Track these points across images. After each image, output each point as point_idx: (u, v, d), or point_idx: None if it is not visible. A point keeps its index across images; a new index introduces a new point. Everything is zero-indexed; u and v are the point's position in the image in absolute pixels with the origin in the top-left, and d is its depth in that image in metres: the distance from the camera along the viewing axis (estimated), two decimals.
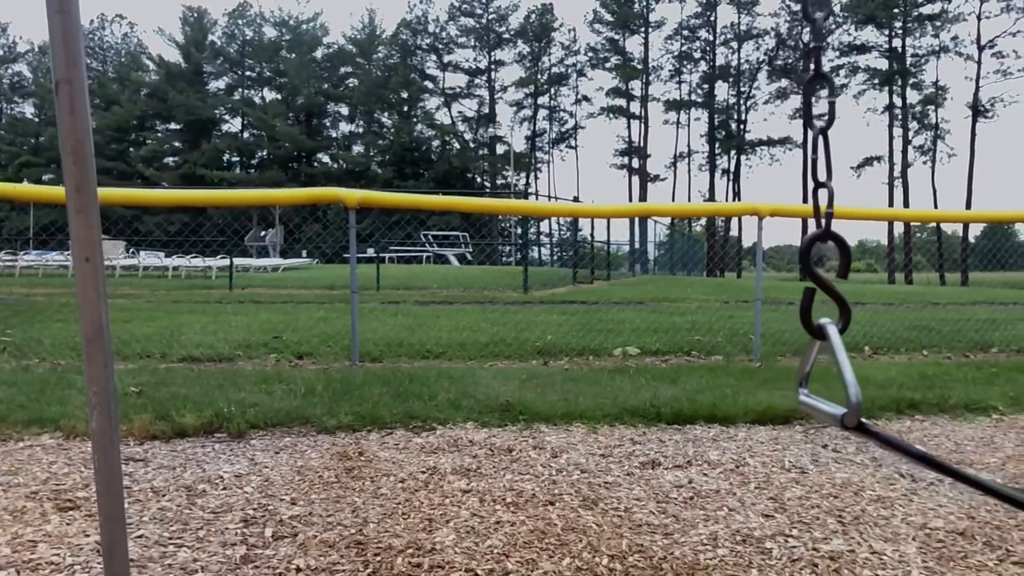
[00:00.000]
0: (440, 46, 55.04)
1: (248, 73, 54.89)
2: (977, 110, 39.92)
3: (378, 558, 1.89)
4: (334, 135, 56.40)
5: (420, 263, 25.29)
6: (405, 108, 54.51)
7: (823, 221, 1.04)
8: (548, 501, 2.40)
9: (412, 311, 8.84)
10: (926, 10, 41.39)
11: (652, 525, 2.20)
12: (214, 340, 5.84)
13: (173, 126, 53.32)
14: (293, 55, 53.31)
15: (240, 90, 54.97)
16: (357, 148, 55.07)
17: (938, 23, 41.11)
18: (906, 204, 40.60)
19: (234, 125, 54.86)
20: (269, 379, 4.30)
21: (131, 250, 20.68)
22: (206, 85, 54.18)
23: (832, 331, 0.96)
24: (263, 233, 29.49)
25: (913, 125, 42.63)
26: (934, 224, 39.02)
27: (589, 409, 3.76)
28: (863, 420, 0.91)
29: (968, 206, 36.78)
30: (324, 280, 14.25)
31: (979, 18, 40.11)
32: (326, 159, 55.14)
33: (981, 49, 40.11)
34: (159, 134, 53.79)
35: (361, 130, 55.40)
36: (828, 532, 2.16)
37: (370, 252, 18.63)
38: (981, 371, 5.08)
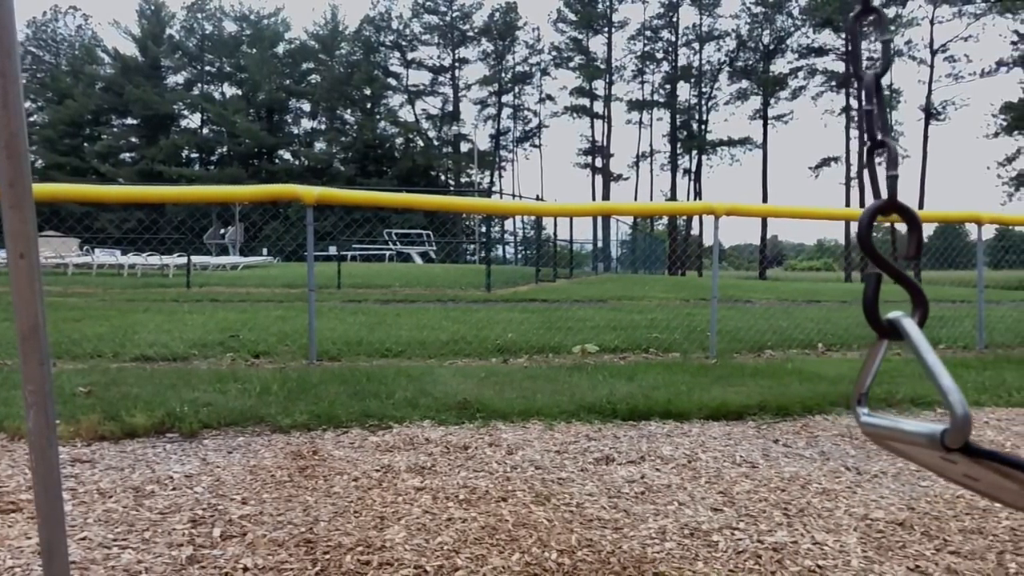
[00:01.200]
0: (404, 43, 54.72)
1: (208, 68, 53.96)
2: (930, 113, 40.93)
3: (327, 556, 1.89)
4: (296, 132, 55.74)
5: (383, 261, 25.15)
6: (368, 105, 54.09)
7: (884, 187, 0.84)
8: (501, 497, 2.41)
9: (373, 310, 8.79)
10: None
11: (603, 520, 2.23)
12: (169, 339, 5.74)
13: (130, 121, 52.16)
14: (254, 50, 52.54)
15: (199, 85, 54.01)
16: (319, 145, 54.50)
17: (893, 27, 42.01)
18: (862, 204, 41.47)
19: (193, 121, 53.95)
20: (224, 378, 4.24)
21: (85, 248, 20.20)
22: (164, 80, 53.15)
23: (910, 327, 0.76)
24: (222, 231, 29.03)
25: None
26: (889, 224, 39.88)
27: (546, 406, 3.79)
28: (971, 441, 0.69)
29: (921, 206, 37.67)
30: (284, 278, 14.09)
31: (932, 23, 41.14)
32: (288, 156, 54.47)
33: (934, 53, 41.14)
34: (115, 129, 52.59)
35: (323, 127, 54.86)
36: (773, 524, 2.21)
37: (332, 250, 18.47)
38: None
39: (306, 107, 55.15)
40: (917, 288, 0.78)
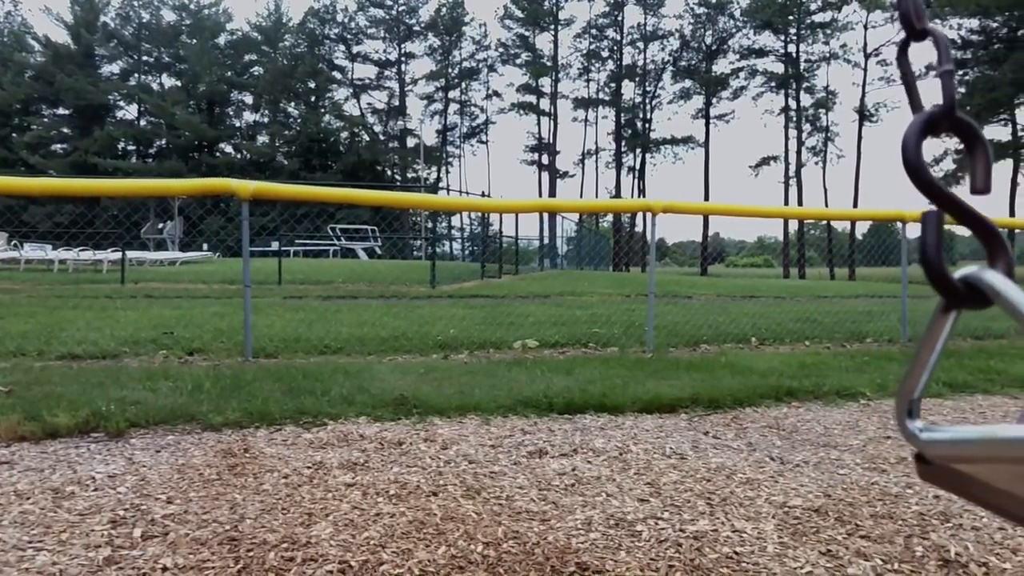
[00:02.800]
0: (349, 36, 54.03)
1: (145, 58, 52.36)
2: (863, 114, 42.27)
3: (250, 554, 1.87)
4: (238, 125, 54.54)
5: (327, 257, 24.83)
6: (312, 98, 53.26)
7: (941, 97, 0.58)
8: (431, 492, 2.42)
9: (313, 306, 8.69)
10: (818, 18, 43.49)
11: (531, 512, 2.26)
12: (99, 337, 5.58)
13: (61, 111, 50.26)
14: (194, 40, 51.19)
15: (136, 75, 52.38)
16: (262, 138, 53.44)
17: (829, 31, 43.26)
18: (800, 202, 42.64)
19: (130, 112, 52.28)
20: (155, 376, 4.15)
21: (13, 243, 19.43)
22: (98, 69, 51.35)
23: (1001, 284, 0.52)
24: (161, 225, 28.27)
25: (806, 127, 44.78)
26: (826, 221, 41.08)
27: (484, 401, 3.81)
28: None
29: (855, 204, 38.96)
30: (224, 274, 13.80)
31: (866, 27, 42.50)
32: (229, 149, 53.27)
33: (867, 57, 42.50)
34: (46, 119, 50.61)
35: (266, 120, 53.78)
36: (696, 514, 2.27)
37: (274, 246, 18.15)
38: (855, 360, 5.41)
39: (248, 100, 54.04)
40: (994, 230, 0.56)
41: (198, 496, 2.35)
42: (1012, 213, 32.80)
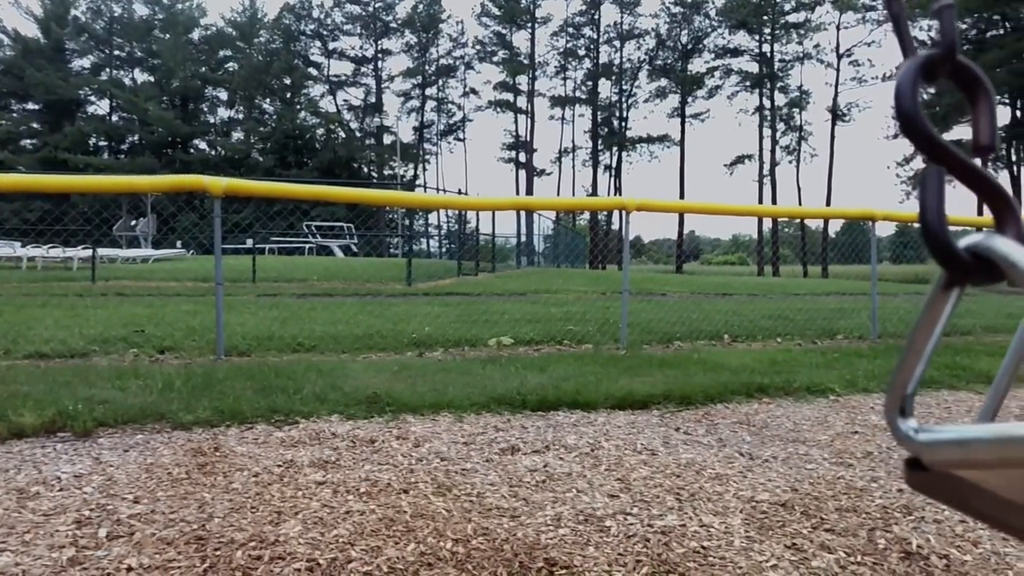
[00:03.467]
0: (325, 32, 53.63)
1: (117, 52, 51.58)
2: (836, 114, 42.77)
3: (217, 553, 1.86)
4: (212, 121, 53.92)
5: (303, 255, 24.65)
6: (288, 95, 52.80)
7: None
8: (402, 489, 2.42)
9: (288, 304, 8.62)
10: (792, 18, 43.92)
11: (501, 509, 2.26)
12: (67, 335, 5.50)
13: (31, 106, 49.37)
14: (167, 35, 50.52)
15: (108, 70, 51.59)
16: (237, 135, 52.88)
17: (802, 31, 43.71)
18: (774, 201, 43.05)
19: (101, 107, 51.48)
20: (124, 375, 4.10)
21: None
22: (68, 63, 50.51)
23: (1014, 251, 0.44)
24: (133, 222, 27.89)
25: (780, 126, 45.21)
26: (799, 220, 41.52)
27: (457, 398, 3.81)
28: None
29: (828, 203, 39.42)
30: (197, 272, 13.65)
31: (838, 28, 42.97)
32: (203, 146, 52.67)
33: (840, 57, 42.99)
34: (14, 114, 49.66)
35: (241, 116, 53.24)
36: (665, 509, 2.30)
37: (249, 243, 17.98)
38: (825, 356, 5.48)
39: (223, 96, 53.44)
40: (1002, 192, 0.48)
41: (166, 495, 2.33)
42: (980, 212, 33.36)
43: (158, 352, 5.17)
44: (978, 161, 0.49)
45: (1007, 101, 34.24)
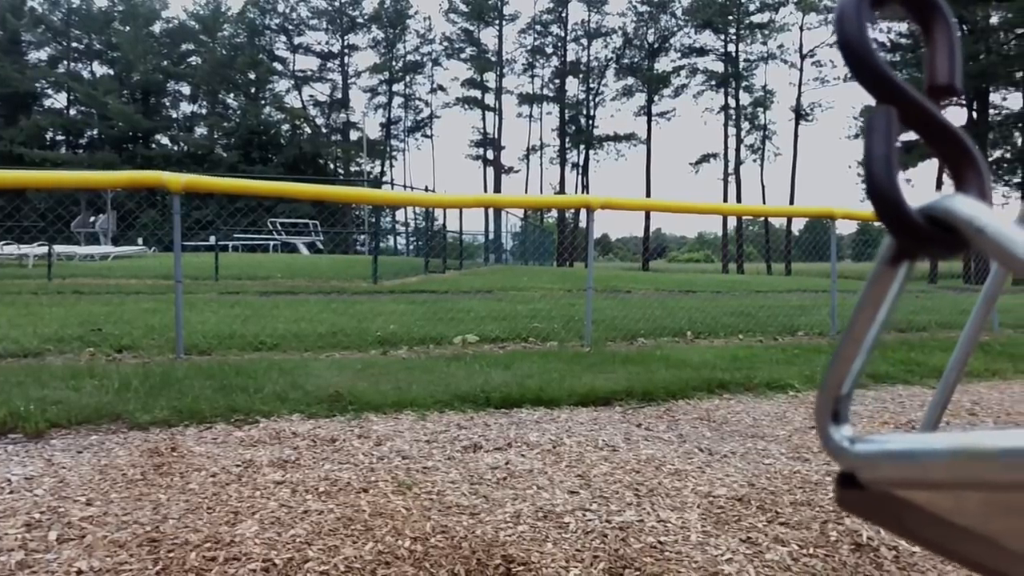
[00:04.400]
0: (290, 27, 53.00)
1: (75, 45, 50.42)
2: (799, 114, 43.43)
3: (171, 554, 1.83)
4: (174, 115, 53.00)
5: (267, 252, 24.37)
6: (253, 90, 52.09)
7: None
8: (362, 488, 2.41)
9: (251, 302, 8.52)
10: (757, 19, 44.49)
11: (461, 506, 2.27)
12: (20, 334, 5.37)
13: None
14: (127, 28, 49.50)
15: (65, 63, 50.40)
16: (200, 130, 52.04)
17: (767, 31, 44.30)
18: (739, 199, 43.57)
19: (59, 101, 50.27)
20: (79, 374, 4.01)
21: None
22: (25, 55, 49.25)
23: (980, 216, 0.36)
24: (92, 219, 27.31)
25: (745, 125, 45.77)
26: (763, 218, 42.10)
27: (420, 396, 3.80)
28: None
29: (792, 201, 40.01)
30: (158, 269, 13.41)
31: (802, 29, 43.62)
32: (165, 141, 51.71)
33: (803, 58, 43.64)
34: None
35: (204, 111, 52.41)
36: (624, 504, 2.32)
37: (212, 240, 17.72)
38: (785, 353, 5.57)
39: (186, 90, 52.56)
40: (964, 143, 0.40)
41: (120, 497, 2.29)
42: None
43: (116, 351, 5.07)
44: (942, 107, 0.41)
45: (964, 103, 35.03)
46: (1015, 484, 0.34)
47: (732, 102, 45.74)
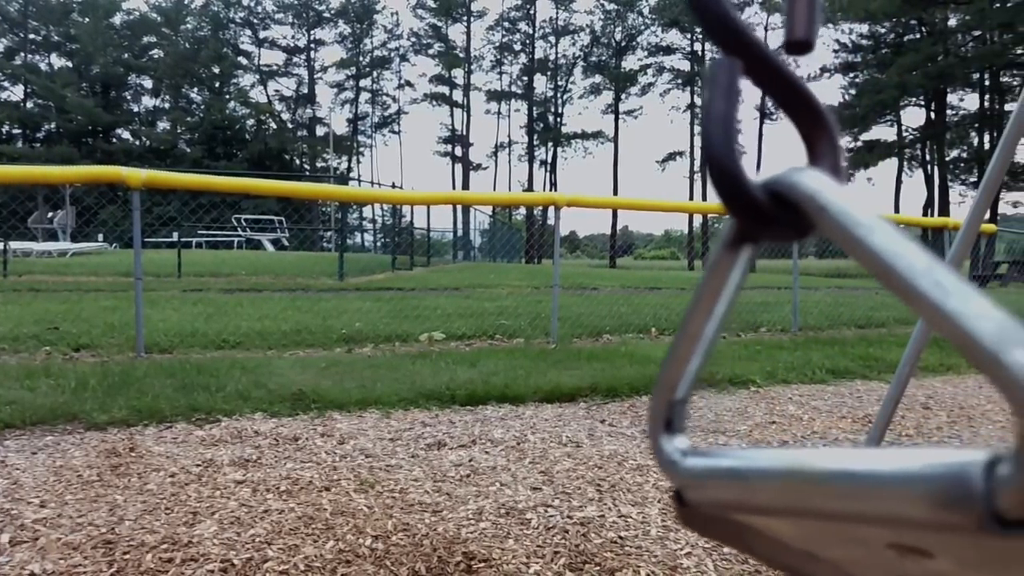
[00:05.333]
0: (255, 21, 52.30)
1: (32, 36, 49.17)
2: (763, 113, 43.97)
3: (126, 556, 1.81)
4: (136, 110, 51.98)
5: (232, 248, 24.04)
6: (217, 84, 51.31)
7: None
8: (324, 487, 2.40)
9: (214, 299, 8.40)
10: None
11: (424, 504, 2.27)
12: None
13: None
14: (86, 19, 48.42)
15: (22, 54, 49.13)
16: (163, 125, 51.14)
17: None
18: (704, 197, 44.02)
19: (15, 93, 48.96)
20: (35, 374, 3.93)
21: None
22: None
23: (826, 191, 0.30)
24: (50, 215, 26.69)
25: None
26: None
27: (385, 394, 3.78)
28: None
29: None
30: (118, 266, 13.16)
31: (766, 29, 44.15)
32: (127, 135, 50.72)
33: None
34: None
35: (167, 106, 51.48)
36: (586, 500, 2.33)
37: (175, 236, 17.44)
38: (747, 349, 5.65)
39: (147, 84, 51.57)
40: (817, 107, 0.36)
41: (75, 499, 2.25)
42: (897, 210, 34.86)
43: (73, 350, 4.98)
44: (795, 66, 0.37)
45: (922, 103, 35.83)
46: (847, 515, 0.29)
47: (698, 100, 46.14)
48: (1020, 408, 0.23)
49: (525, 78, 51.48)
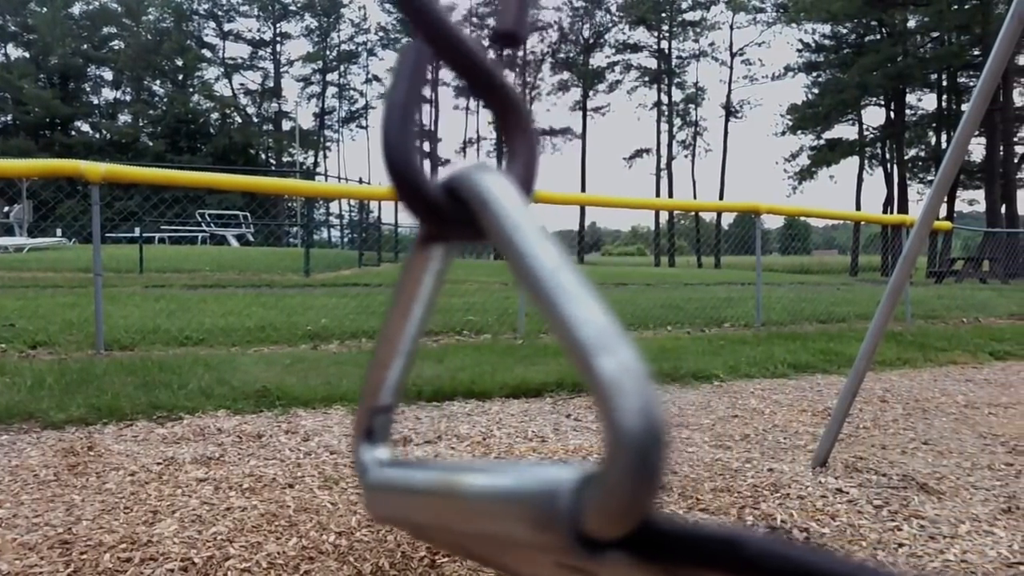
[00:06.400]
0: (220, 13, 51.45)
1: None
2: (729, 110, 44.46)
3: (84, 556, 1.78)
4: (96, 102, 50.85)
5: (195, 244, 23.66)
6: (180, 77, 50.41)
7: None
8: (288, 484, 2.38)
9: (177, 296, 8.27)
10: (689, 16, 45.31)
11: None
12: None
13: None
14: (44, 9, 47.23)
15: None
16: (124, 118, 50.09)
17: (698, 29, 45.17)
18: (671, 193, 44.42)
19: None
20: None
21: None
22: None
23: (496, 189, 0.29)
24: (7, 209, 26.03)
25: (677, 121, 46.60)
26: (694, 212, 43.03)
27: (351, 391, 3.77)
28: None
29: (721, 196, 40.99)
30: (77, 262, 12.89)
31: (732, 28, 44.64)
32: (87, 128, 49.61)
33: (733, 56, 44.66)
34: None
35: (129, 98, 50.45)
36: None
37: (136, 232, 17.10)
38: (711, 344, 5.72)
39: (108, 76, 50.48)
40: (511, 97, 0.35)
41: (31, 499, 2.21)
42: (858, 207, 35.51)
43: (29, 347, 4.87)
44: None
45: (882, 103, 36.50)
46: (491, 537, 0.27)
47: (665, 98, 46.53)
48: (603, 414, 0.23)
49: None
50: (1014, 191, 28.89)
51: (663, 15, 44.79)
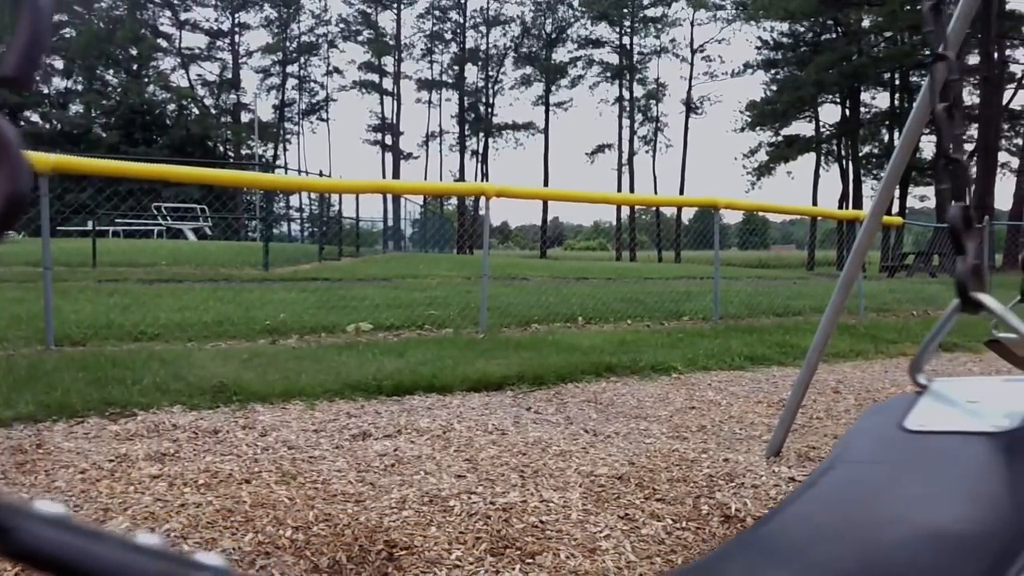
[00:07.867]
0: (176, 2, 50.36)
1: None
2: (690, 107, 44.91)
3: None
4: (46, 91, 49.41)
5: (152, 237, 23.16)
6: (135, 67, 49.23)
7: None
8: (244, 480, 2.36)
9: (132, 290, 8.10)
10: (650, 12, 45.62)
11: (347, 494, 2.25)
12: None
13: None
14: None
15: None
16: (76, 108, 48.78)
17: (659, 25, 45.51)
18: (632, 188, 44.75)
19: None
20: None
21: None
22: None
23: None
24: None
25: (638, 117, 46.93)
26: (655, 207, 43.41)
27: (309, 386, 3.74)
28: None
29: (681, 192, 41.43)
30: (26, 256, 12.53)
31: (692, 24, 45.05)
32: (36, 118, 48.20)
33: (694, 53, 45.10)
34: None
35: (80, 88, 49.12)
36: (508, 486, 2.36)
37: (89, 225, 16.69)
38: (670, 337, 5.79)
39: (58, 64, 49.06)
40: None
41: None
42: (815, 202, 36.16)
43: None
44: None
45: (838, 100, 37.19)
46: None
47: (626, 94, 46.82)
48: None
49: (456, 67, 51.17)
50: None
51: (625, 11, 45.04)
